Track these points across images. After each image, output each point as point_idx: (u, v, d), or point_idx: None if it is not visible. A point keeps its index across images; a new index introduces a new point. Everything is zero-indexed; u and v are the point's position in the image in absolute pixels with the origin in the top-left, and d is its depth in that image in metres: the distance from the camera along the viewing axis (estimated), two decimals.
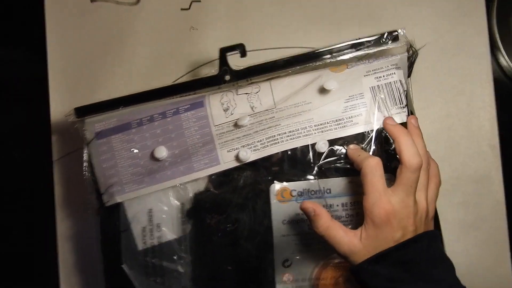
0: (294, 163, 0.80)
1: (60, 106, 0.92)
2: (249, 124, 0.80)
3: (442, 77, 0.90)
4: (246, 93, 0.78)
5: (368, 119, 0.78)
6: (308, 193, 0.80)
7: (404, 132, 0.68)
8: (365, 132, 0.78)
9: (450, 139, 0.90)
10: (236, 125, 0.76)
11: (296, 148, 0.78)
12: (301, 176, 0.79)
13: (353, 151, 0.72)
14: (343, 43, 0.81)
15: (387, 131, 0.75)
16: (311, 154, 0.79)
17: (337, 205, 0.79)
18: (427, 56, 0.89)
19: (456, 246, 0.88)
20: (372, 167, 0.69)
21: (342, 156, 0.79)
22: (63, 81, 0.93)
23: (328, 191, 0.79)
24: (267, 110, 0.80)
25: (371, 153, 0.77)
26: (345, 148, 0.79)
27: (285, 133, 0.80)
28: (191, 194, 0.78)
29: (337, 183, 0.79)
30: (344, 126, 0.79)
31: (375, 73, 0.80)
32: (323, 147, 0.78)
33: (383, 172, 0.70)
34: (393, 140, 0.70)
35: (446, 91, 0.90)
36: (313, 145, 0.79)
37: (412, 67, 0.82)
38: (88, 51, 0.93)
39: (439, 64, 0.90)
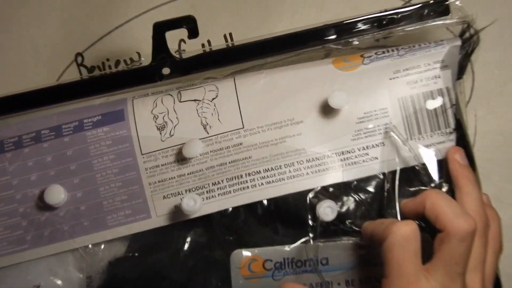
0: (270, 217, 0.48)
1: None
2: (201, 155, 0.48)
3: None
4: (195, 100, 0.50)
5: (390, 153, 0.48)
6: (291, 265, 0.50)
7: (471, 180, 0.47)
8: (382, 174, 0.49)
9: None
10: (179, 156, 0.50)
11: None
12: (281, 239, 0.50)
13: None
14: (358, 17, 0.50)
15: (452, 173, 0.48)
16: (298, 205, 0.48)
17: (339, 284, 0.49)
18: (495, 40, 0.56)
19: None
20: (403, 238, 0.43)
21: (350, 210, 0.48)
22: None
23: (325, 261, 0.49)
24: (230, 131, 0.48)
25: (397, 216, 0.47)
26: (356, 196, 0.49)
27: (258, 172, 0.49)
28: (103, 263, 0.52)
29: (338, 250, 0.50)
30: (354, 164, 0.48)
31: (407, 74, 0.49)
32: (328, 214, 0.47)
33: (419, 246, 0.43)
34: (455, 187, 0.47)
35: None
36: (304, 194, 0.48)
37: (468, 63, 0.50)
38: None
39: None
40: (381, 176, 0.49)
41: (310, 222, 0.49)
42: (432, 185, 0.48)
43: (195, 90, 0.51)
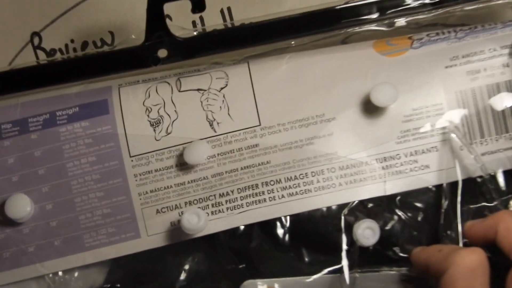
0: (293, 239, 0.38)
1: None
2: (207, 160, 0.37)
3: None
4: (199, 90, 0.41)
5: (447, 160, 0.38)
6: None
7: None
8: (436, 187, 0.39)
9: None
10: (178, 160, 0.40)
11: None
12: (305, 267, 0.40)
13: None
14: None
15: None
16: (329, 225, 0.38)
17: None
18: None
19: None
20: (469, 271, 0.33)
21: (396, 232, 0.38)
22: None
23: None
24: (243, 130, 0.38)
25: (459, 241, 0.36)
26: (403, 215, 0.39)
27: (279, 181, 0.38)
28: None
29: (381, 282, 0.39)
30: (400, 173, 0.37)
31: (468, 61, 0.40)
32: (367, 237, 0.37)
33: (488, 281, 0.33)
34: None
35: None
36: (336, 211, 0.37)
37: None
38: None
39: None
40: (435, 189, 0.39)
41: (345, 247, 0.38)
42: (496, 202, 0.38)
43: (199, 77, 0.41)
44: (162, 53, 0.40)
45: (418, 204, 0.39)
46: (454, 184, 0.38)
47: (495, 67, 0.39)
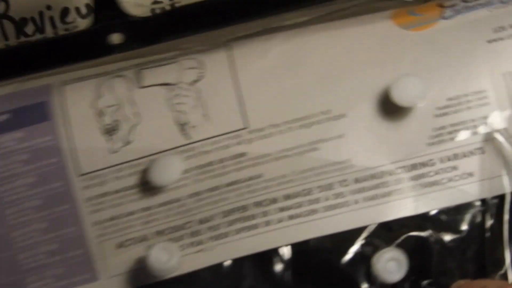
0: (295, 275, 0.29)
1: None
2: (181, 179, 0.27)
3: None
4: (165, 84, 0.31)
5: (492, 166, 0.29)
6: None
7: None
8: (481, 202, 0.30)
9: None
10: (142, 178, 0.31)
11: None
12: None
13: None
14: None
15: None
16: (341, 256, 0.28)
17: None
18: None
19: None
20: None
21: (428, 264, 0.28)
22: None
23: None
24: (225, 134, 0.28)
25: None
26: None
27: (274, 200, 0.28)
28: None
29: None
30: (434, 184, 0.28)
31: None
32: (392, 271, 0.27)
33: None
34: None
35: None
36: (351, 237, 0.28)
37: None
38: None
39: None
40: (480, 204, 0.29)
41: (364, 285, 0.29)
42: None
43: (165, 68, 0.31)
44: (116, 38, 0.31)
45: (459, 226, 0.30)
46: (502, 198, 0.29)
47: None
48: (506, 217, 0.29)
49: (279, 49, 0.31)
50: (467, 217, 0.30)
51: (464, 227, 0.30)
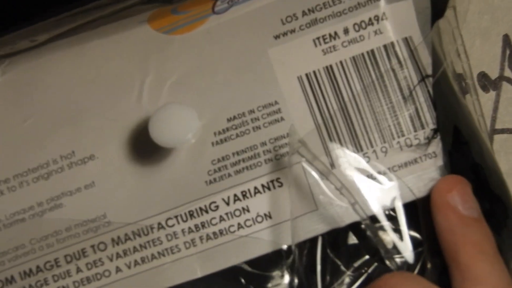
0: None
1: None
2: None
3: None
4: None
5: (295, 199, 0.22)
6: None
7: (485, 251, 0.20)
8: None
9: None
10: None
11: None
12: None
13: None
14: None
15: (442, 236, 0.21)
16: None
17: None
18: None
19: None
20: None
21: None
22: None
23: None
24: None
25: None
26: None
27: (10, 280, 0.20)
28: None
29: None
30: (218, 236, 0.21)
31: (315, 21, 0.23)
32: None
33: None
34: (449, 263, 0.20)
35: None
36: None
37: None
38: None
39: None
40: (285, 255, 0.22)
41: None
42: (398, 258, 0.21)
43: None
44: None
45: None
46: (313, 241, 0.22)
47: (365, 23, 0.22)
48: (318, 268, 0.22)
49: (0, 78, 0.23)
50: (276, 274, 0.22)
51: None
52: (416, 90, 0.22)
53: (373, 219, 0.21)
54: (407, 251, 0.21)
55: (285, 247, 0.22)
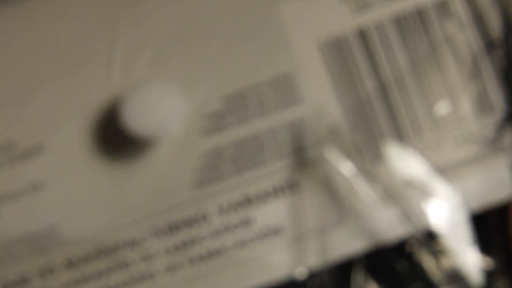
0: None
1: None
2: None
3: None
4: None
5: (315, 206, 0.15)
6: None
7: None
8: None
9: None
10: None
11: None
12: None
13: None
14: None
15: None
16: None
17: None
18: None
19: None
20: None
21: None
22: None
23: None
24: None
25: None
26: None
27: None
28: None
29: None
30: (210, 259, 0.15)
31: None
32: None
33: None
34: None
35: None
36: None
37: None
38: None
39: None
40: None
41: None
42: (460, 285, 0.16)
43: None
44: None
45: None
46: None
47: None
48: None
49: None
50: None
51: None
52: (480, 63, 0.17)
53: (427, 234, 0.15)
54: (474, 277, 0.15)
55: (305, 271, 0.16)
